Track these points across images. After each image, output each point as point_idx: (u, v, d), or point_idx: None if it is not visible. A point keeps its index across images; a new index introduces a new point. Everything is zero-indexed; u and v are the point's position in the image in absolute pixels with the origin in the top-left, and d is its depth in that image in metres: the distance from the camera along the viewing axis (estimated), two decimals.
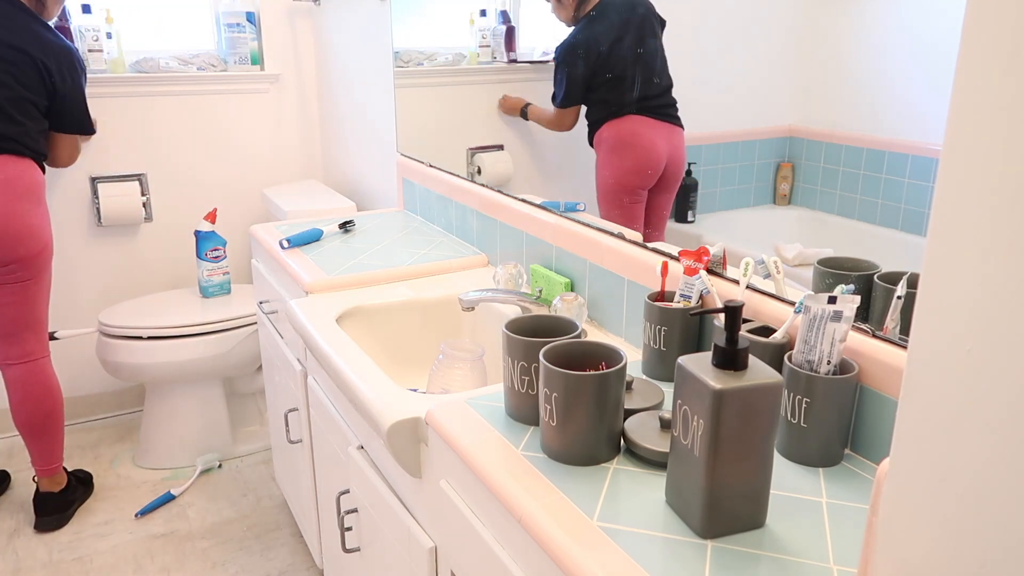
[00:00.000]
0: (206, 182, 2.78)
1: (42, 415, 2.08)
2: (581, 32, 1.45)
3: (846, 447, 0.96)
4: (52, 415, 2.10)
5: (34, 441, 2.10)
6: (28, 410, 2.06)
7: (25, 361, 2.04)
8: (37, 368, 2.06)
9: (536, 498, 0.87)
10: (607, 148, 1.40)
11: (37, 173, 2.00)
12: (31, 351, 2.05)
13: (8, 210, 1.89)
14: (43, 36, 1.96)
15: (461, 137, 1.89)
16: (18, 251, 1.92)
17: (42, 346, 2.08)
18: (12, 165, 1.92)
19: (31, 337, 2.04)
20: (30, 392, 2.05)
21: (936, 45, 0.88)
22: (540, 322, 1.10)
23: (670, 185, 1.29)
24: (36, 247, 1.96)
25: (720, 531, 0.81)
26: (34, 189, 1.97)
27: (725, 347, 0.79)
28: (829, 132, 1.02)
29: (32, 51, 1.92)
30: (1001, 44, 0.35)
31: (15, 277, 1.95)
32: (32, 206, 1.95)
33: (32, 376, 2.05)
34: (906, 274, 0.91)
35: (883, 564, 0.45)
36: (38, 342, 2.06)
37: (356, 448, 1.37)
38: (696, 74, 1.21)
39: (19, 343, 2.03)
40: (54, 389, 2.11)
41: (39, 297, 2.02)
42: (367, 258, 1.77)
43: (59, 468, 2.18)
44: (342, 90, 2.66)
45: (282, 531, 2.21)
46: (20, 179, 1.93)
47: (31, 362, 2.05)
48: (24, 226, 1.92)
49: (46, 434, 2.11)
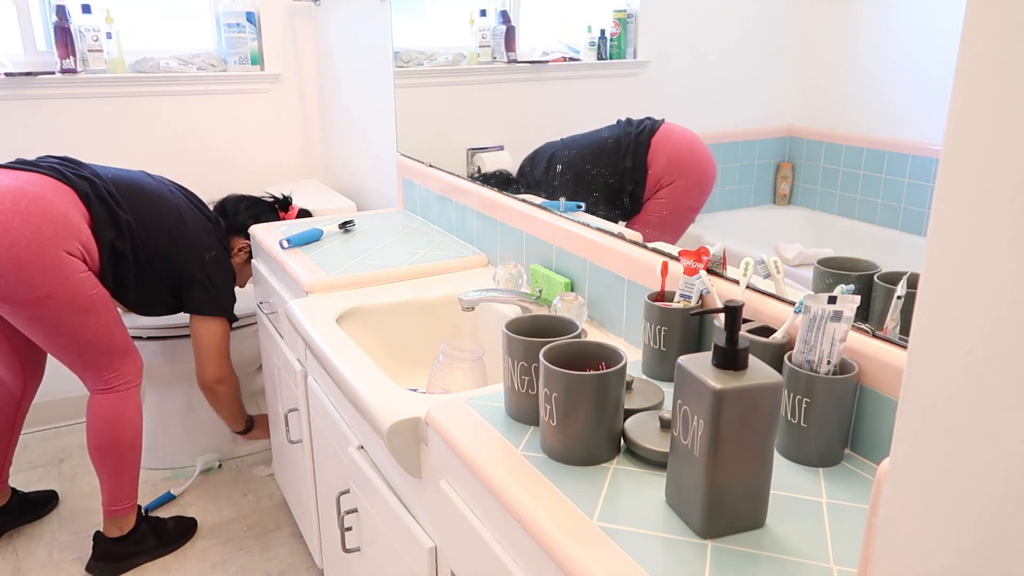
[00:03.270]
0: (206, 182, 2.78)
1: (102, 448, 1.94)
2: None
3: (846, 447, 0.96)
4: (113, 451, 1.94)
5: (99, 473, 1.98)
6: (91, 439, 1.95)
7: (96, 391, 1.94)
8: (96, 402, 1.93)
9: (536, 498, 0.87)
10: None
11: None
12: (101, 380, 1.92)
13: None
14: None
15: (461, 137, 1.89)
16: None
17: (111, 376, 1.92)
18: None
19: (90, 370, 1.91)
20: (94, 421, 1.94)
21: (936, 45, 0.88)
22: (540, 322, 1.10)
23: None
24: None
25: (720, 531, 0.81)
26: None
27: (725, 347, 0.79)
28: (829, 132, 1.02)
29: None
30: (1001, 44, 0.35)
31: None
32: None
33: (97, 406, 1.93)
34: (906, 274, 0.91)
35: (883, 564, 0.45)
36: (102, 372, 1.91)
37: (356, 448, 1.37)
38: (696, 74, 1.21)
39: (85, 375, 1.93)
40: (118, 424, 1.94)
41: (68, 330, 1.84)
42: (367, 258, 1.77)
43: (123, 512, 2.01)
44: (342, 90, 2.66)
45: (282, 531, 2.21)
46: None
47: (99, 392, 1.93)
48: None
49: (104, 470, 1.96)
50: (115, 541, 2.02)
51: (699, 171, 1.21)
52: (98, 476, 1.98)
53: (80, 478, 2.45)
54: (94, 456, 1.96)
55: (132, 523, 2.04)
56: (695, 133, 1.21)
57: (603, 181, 1.40)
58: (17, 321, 1.81)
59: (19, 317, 1.79)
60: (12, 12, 2.48)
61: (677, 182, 1.26)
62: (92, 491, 2.37)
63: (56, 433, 2.72)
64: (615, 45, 1.37)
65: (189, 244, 1.99)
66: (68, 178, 1.83)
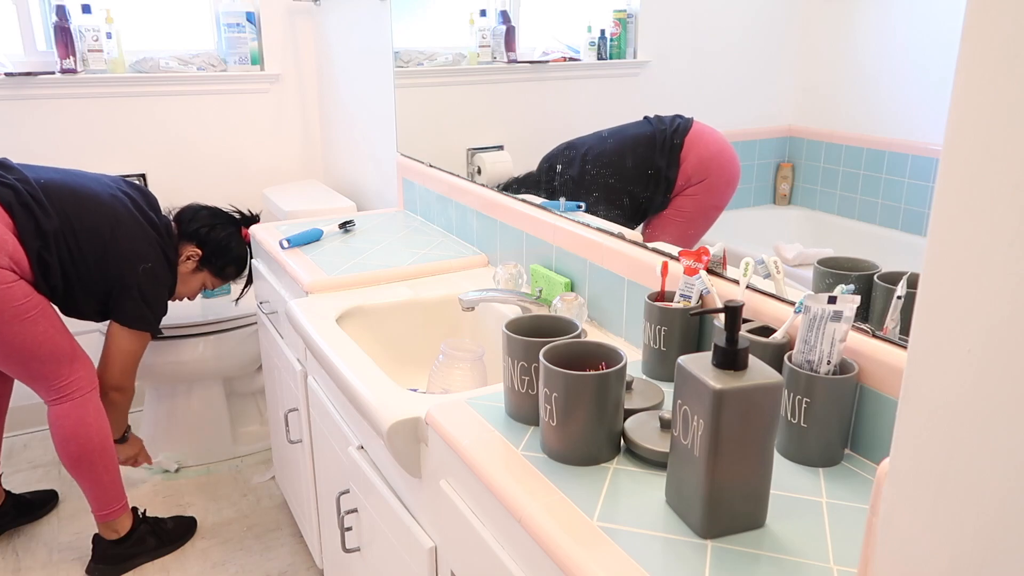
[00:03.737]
0: (206, 182, 2.78)
1: (72, 458, 1.91)
2: None
3: (846, 447, 0.96)
4: (84, 459, 1.91)
5: (78, 482, 1.95)
6: (60, 451, 1.91)
7: (51, 402, 1.89)
8: (53, 413, 1.89)
9: (536, 498, 0.87)
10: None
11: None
12: (53, 390, 1.88)
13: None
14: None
15: (461, 137, 1.89)
16: None
17: (62, 385, 1.88)
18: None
19: (37, 380, 1.87)
20: (57, 433, 1.89)
21: (936, 45, 0.88)
22: (540, 322, 1.10)
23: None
24: None
25: (720, 531, 0.81)
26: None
27: (725, 347, 0.79)
28: (829, 132, 1.02)
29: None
30: (1001, 44, 0.35)
31: None
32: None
33: (56, 417, 1.89)
34: (906, 274, 0.91)
35: (883, 564, 0.45)
36: (51, 382, 1.87)
37: (356, 448, 1.37)
38: (696, 74, 1.21)
39: (35, 386, 1.89)
40: (80, 432, 1.89)
41: (11, 342, 1.79)
42: (367, 258, 1.77)
43: (114, 515, 1.99)
44: (342, 90, 2.66)
45: (282, 531, 2.21)
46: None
47: (54, 403, 1.89)
48: None
49: (82, 478, 1.93)
50: (115, 543, 2.02)
51: (728, 170, 1.22)
52: (79, 485, 1.96)
53: None
54: (67, 467, 1.92)
55: (128, 524, 2.03)
56: (722, 133, 1.21)
57: (635, 178, 1.39)
58: None
59: None
60: (12, 12, 2.48)
61: (707, 180, 1.26)
62: None
63: None
64: (615, 45, 1.37)
65: (123, 253, 1.91)
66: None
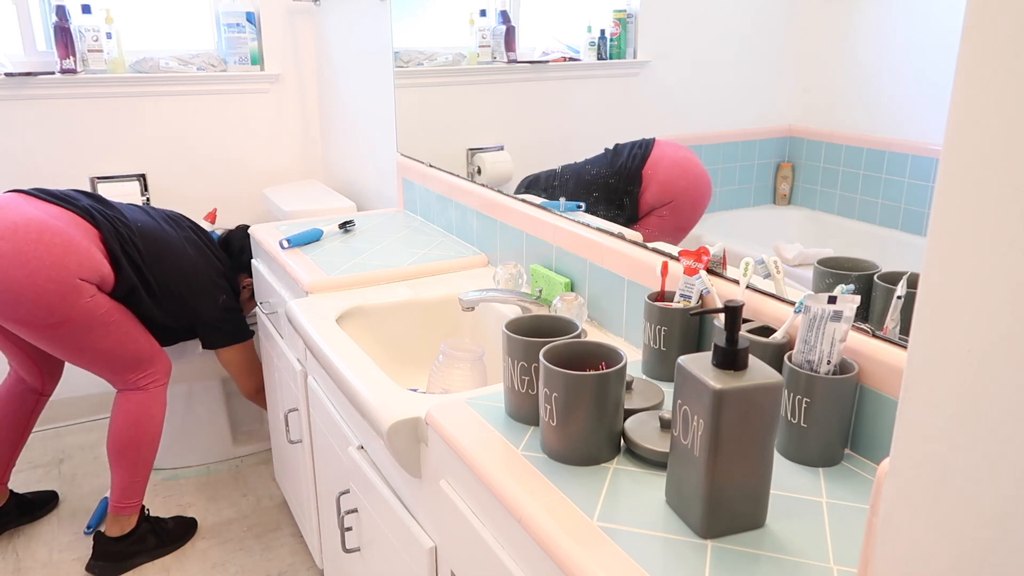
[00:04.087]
0: (206, 182, 2.79)
1: (121, 444, 1.99)
2: None
3: (846, 447, 0.96)
4: (133, 447, 1.99)
5: (113, 469, 2.02)
6: (112, 434, 1.99)
7: (124, 388, 2.00)
8: (124, 398, 2.00)
9: (536, 498, 0.87)
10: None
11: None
12: (129, 382, 2.00)
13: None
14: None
15: (461, 137, 1.89)
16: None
17: (139, 378, 2.00)
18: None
19: (118, 374, 1.98)
20: (119, 416, 1.99)
21: (936, 45, 0.88)
22: (540, 322, 1.10)
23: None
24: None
25: (720, 531, 0.81)
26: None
27: (725, 347, 0.79)
28: (829, 132, 1.02)
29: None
30: (1002, 44, 0.35)
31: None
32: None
33: (124, 401, 1.99)
34: (906, 274, 0.91)
35: (883, 564, 0.45)
36: (129, 376, 1.98)
37: (356, 448, 1.37)
38: (696, 74, 1.21)
39: (113, 380, 2.01)
40: (141, 421, 2.00)
41: (88, 347, 1.91)
42: (367, 258, 1.77)
43: (128, 510, 2.03)
44: (342, 90, 2.66)
45: (282, 531, 2.21)
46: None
47: (127, 390, 2.00)
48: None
49: (120, 466, 2.00)
50: (115, 541, 2.03)
51: (692, 193, 1.23)
52: (112, 472, 2.02)
53: (80, 478, 2.45)
54: (112, 451, 2.01)
55: (134, 523, 2.05)
56: (687, 151, 1.21)
57: (598, 210, 1.45)
58: (37, 343, 1.88)
59: (38, 339, 1.87)
60: (12, 12, 2.48)
61: (672, 202, 1.27)
62: (92, 491, 2.37)
63: (56, 433, 2.72)
64: (615, 45, 1.37)
65: (204, 292, 2.10)
66: (95, 219, 1.91)
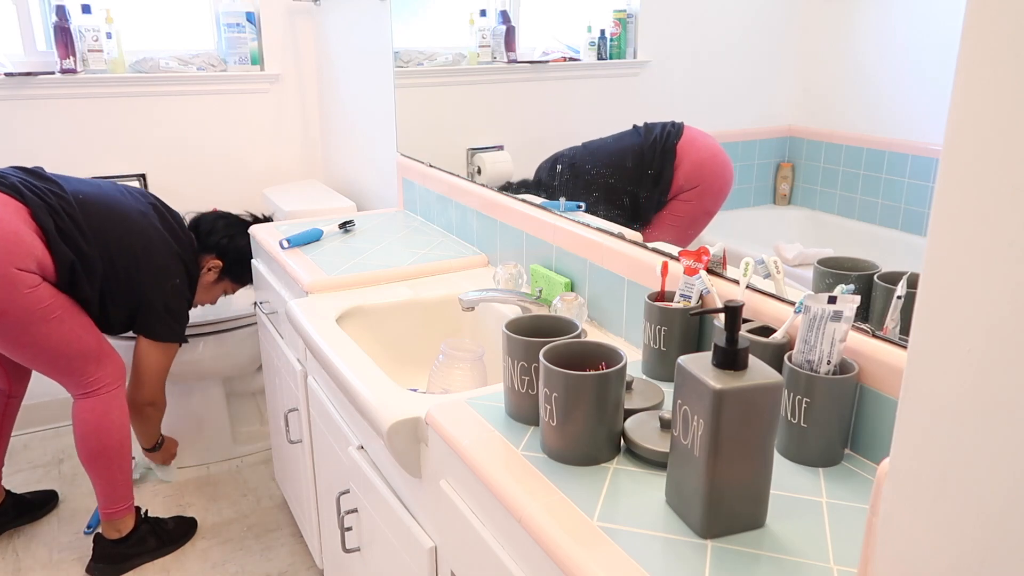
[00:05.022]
0: (206, 182, 2.78)
1: (90, 453, 1.94)
2: None
3: (846, 447, 0.96)
4: (102, 454, 1.94)
5: (91, 478, 1.98)
6: (79, 444, 1.94)
7: (78, 396, 1.94)
8: (78, 406, 1.93)
9: (536, 498, 0.87)
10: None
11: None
12: (80, 385, 1.92)
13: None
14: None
15: (461, 137, 1.89)
16: None
17: (88, 381, 1.92)
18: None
19: (66, 376, 1.91)
20: (79, 426, 1.93)
21: (936, 45, 0.88)
22: (540, 322, 1.10)
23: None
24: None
25: (720, 531, 0.81)
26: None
27: (725, 347, 0.79)
28: (829, 132, 1.02)
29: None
30: (1001, 44, 0.35)
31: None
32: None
33: (80, 411, 1.93)
34: (906, 274, 0.91)
35: (883, 564, 0.45)
36: (78, 377, 1.91)
37: (356, 448, 1.37)
38: (696, 74, 1.21)
39: (63, 381, 1.93)
40: (103, 427, 1.93)
41: (32, 341, 1.82)
42: (367, 258, 1.77)
43: (119, 514, 2.01)
44: (342, 90, 2.66)
45: (282, 531, 2.21)
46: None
47: (81, 397, 1.93)
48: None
49: (95, 474, 1.96)
50: (115, 543, 2.02)
51: (721, 177, 1.22)
52: (91, 480, 1.99)
53: (80, 478, 2.45)
54: (84, 461, 1.96)
55: (131, 524, 2.04)
56: (714, 139, 1.21)
57: (626, 189, 1.40)
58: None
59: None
60: (12, 12, 2.48)
61: (699, 187, 1.26)
62: (92, 491, 2.37)
63: (56, 433, 2.72)
64: (615, 45, 1.37)
65: (153, 270, 1.97)
66: (23, 195, 1.78)
